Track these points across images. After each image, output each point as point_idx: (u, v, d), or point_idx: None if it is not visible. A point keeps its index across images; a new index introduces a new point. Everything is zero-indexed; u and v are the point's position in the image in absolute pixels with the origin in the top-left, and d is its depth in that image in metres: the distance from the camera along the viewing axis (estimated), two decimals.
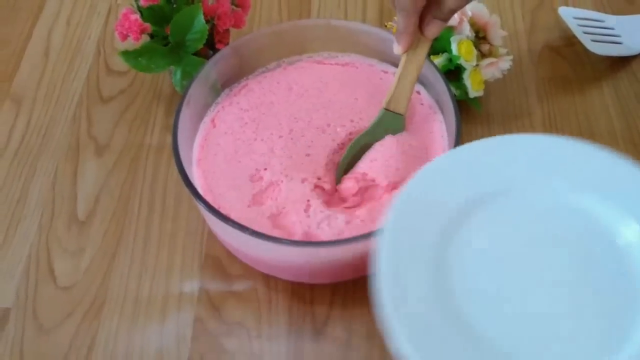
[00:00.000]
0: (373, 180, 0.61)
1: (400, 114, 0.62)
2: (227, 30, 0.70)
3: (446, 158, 0.53)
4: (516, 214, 0.49)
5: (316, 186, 0.61)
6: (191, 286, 0.62)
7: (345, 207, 0.61)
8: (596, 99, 0.73)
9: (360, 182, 0.61)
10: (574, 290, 0.46)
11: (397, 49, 0.59)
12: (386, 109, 0.62)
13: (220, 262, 0.63)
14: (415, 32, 0.58)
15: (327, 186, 0.61)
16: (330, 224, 0.58)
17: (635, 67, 0.75)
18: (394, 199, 0.49)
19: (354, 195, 0.61)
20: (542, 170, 0.50)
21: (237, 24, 0.70)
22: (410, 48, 0.59)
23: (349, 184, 0.61)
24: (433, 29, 0.58)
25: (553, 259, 0.47)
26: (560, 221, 0.48)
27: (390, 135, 0.63)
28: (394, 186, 0.60)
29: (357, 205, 0.61)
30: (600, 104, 0.72)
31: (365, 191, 0.61)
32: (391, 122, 0.62)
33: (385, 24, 0.74)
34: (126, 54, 0.67)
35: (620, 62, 0.76)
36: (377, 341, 0.58)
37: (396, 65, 0.67)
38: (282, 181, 0.61)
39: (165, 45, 0.68)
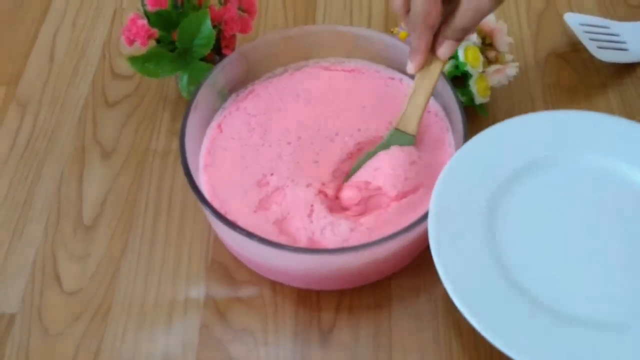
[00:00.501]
0: (379, 189, 0.60)
1: (410, 135, 0.61)
2: (234, 36, 0.70)
3: (496, 128, 0.58)
4: (562, 181, 0.54)
5: (320, 191, 0.61)
6: (197, 292, 0.62)
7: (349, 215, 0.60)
8: (602, 105, 0.73)
9: (363, 192, 0.61)
10: (619, 248, 0.51)
11: (410, 68, 0.59)
12: (396, 129, 0.62)
13: (226, 268, 0.63)
14: (428, 50, 0.57)
15: (330, 192, 0.61)
16: (334, 230, 0.58)
17: None
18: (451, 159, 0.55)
19: (357, 204, 0.60)
20: (585, 142, 0.56)
21: (244, 30, 0.70)
22: (423, 67, 0.59)
23: (350, 193, 0.60)
24: (445, 50, 0.57)
25: (597, 218, 0.53)
26: (601, 187, 0.54)
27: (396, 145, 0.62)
28: (403, 195, 0.60)
29: (360, 214, 0.60)
30: (606, 110, 0.72)
31: (368, 200, 0.61)
32: (401, 142, 0.62)
33: (391, 29, 0.74)
34: (133, 59, 0.67)
35: (626, 69, 0.76)
36: (384, 347, 0.58)
37: (403, 71, 0.67)
38: (287, 186, 0.61)
39: (172, 50, 0.68)
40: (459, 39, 0.57)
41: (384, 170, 0.60)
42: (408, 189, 0.60)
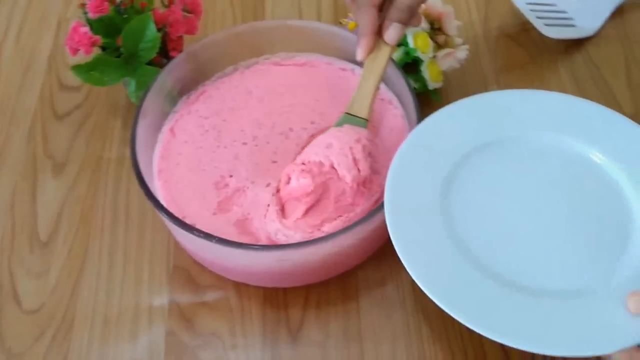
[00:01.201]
0: (333, 170, 0.56)
1: (363, 119, 0.60)
2: (180, 37, 0.69)
3: (448, 109, 0.58)
4: (512, 157, 0.56)
5: (278, 190, 0.60)
6: (161, 299, 0.61)
7: (300, 218, 0.56)
8: (554, 82, 0.74)
9: (316, 177, 0.56)
10: (566, 220, 0.52)
11: (358, 53, 0.59)
12: (347, 113, 0.60)
13: (188, 273, 0.62)
14: (375, 34, 0.57)
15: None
16: (287, 234, 0.57)
17: (590, 49, 0.76)
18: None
19: (309, 194, 0.56)
20: (532, 119, 0.57)
21: (190, 31, 0.69)
22: (372, 52, 0.58)
23: (303, 180, 0.56)
24: (391, 32, 0.57)
25: (546, 189, 0.54)
26: (549, 161, 0.55)
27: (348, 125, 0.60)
28: (361, 182, 0.57)
29: (311, 205, 0.57)
30: (558, 88, 0.73)
31: (325, 187, 0.56)
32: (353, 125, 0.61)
33: (340, 21, 0.73)
34: (78, 68, 0.66)
35: (575, 45, 0.76)
36: (355, 340, 0.58)
37: (355, 62, 0.67)
38: (247, 187, 0.60)
39: (118, 56, 0.67)
40: (405, 21, 0.57)
41: (335, 148, 0.57)
42: (364, 174, 0.57)
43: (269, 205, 0.58)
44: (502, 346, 0.56)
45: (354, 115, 0.60)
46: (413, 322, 0.58)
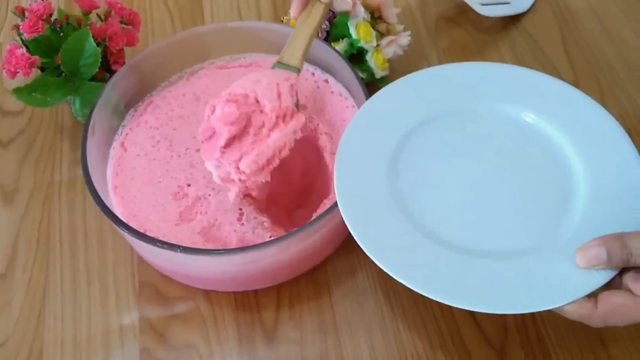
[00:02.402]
0: (258, 104, 0.54)
1: (294, 67, 0.58)
2: (121, 50, 0.68)
3: (394, 85, 0.59)
4: (459, 127, 0.57)
5: (245, 195, 0.60)
6: (130, 317, 0.59)
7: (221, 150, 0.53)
8: (495, 59, 0.75)
9: (242, 107, 0.53)
10: (511, 180, 0.54)
11: (292, 11, 0.58)
12: (279, 62, 0.58)
13: (156, 287, 0.61)
14: None
15: (255, 193, 0.60)
16: (266, 227, 0.58)
17: (527, 25, 0.78)
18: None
19: (233, 123, 0.53)
20: (470, 90, 0.58)
21: (130, 42, 0.68)
22: (305, 9, 0.58)
23: (228, 108, 0.53)
24: None
25: (489, 156, 0.55)
26: (493, 129, 0.57)
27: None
28: (282, 117, 0.54)
29: (231, 140, 0.53)
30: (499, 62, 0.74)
31: (248, 120, 0.54)
32: None
33: (282, 18, 0.73)
34: (19, 91, 0.64)
35: (512, 22, 0.78)
36: (331, 333, 0.58)
37: None
38: (209, 194, 0.60)
39: (59, 75, 0.65)
40: None
41: (263, 83, 0.55)
42: (286, 111, 0.54)
43: (240, 208, 0.58)
44: (473, 319, 0.57)
45: (285, 64, 0.58)
46: (386, 308, 0.59)
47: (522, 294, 0.46)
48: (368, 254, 0.48)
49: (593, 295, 0.45)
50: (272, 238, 0.56)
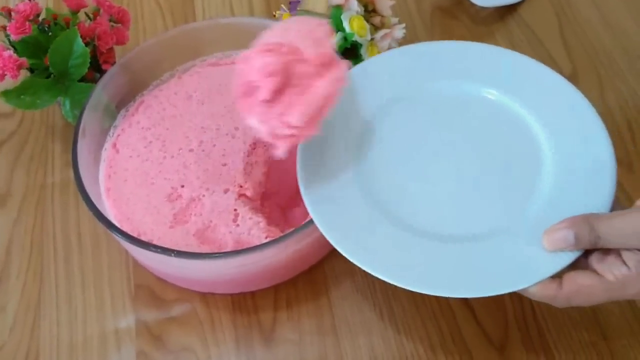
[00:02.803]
0: (295, 51, 0.48)
1: (321, 13, 0.54)
2: (111, 49, 0.66)
3: (362, 66, 0.57)
4: (421, 108, 0.56)
5: (240, 195, 0.59)
6: (127, 320, 0.59)
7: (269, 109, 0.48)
8: None
9: (280, 55, 0.47)
10: (478, 161, 0.52)
11: None
12: (303, 10, 0.54)
13: (151, 290, 0.60)
14: None
15: (249, 193, 0.59)
16: (261, 227, 0.57)
17: (523, 13, 0.77)
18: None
19: (274, 74, 0.47)
20: (441, 69, 0.57)
21: (120, 41, 0.67)
22: None
23: (265, 59, 0.47)
24: None
25: (456, 137, 0.54)
26: (460, 110, 0.55)
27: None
28: (326, 65, 0.49)
29: (277, 98, 0.47)
30: None
31: (288, 69, 0.48)
32: None
33: (274, 13, 0.72)
34: (7, 93, 0.63)
35: (509, 11, 0.77)
36: (330, 334, 0.57)
37: None
38: (203, 195, 0.59)
39: (48, 77, 0.64)
40: None
41: (293, 30, 0.49)
42: (326, 58, 0.49)
43: (235, 209, 0.57)
44: (474, 318, 0.57)
45: (310, 12, 0.54)
46: (385, 308, 0.58)
47: (487, 276, 0.46)
48: (332, 242, 0.48)
49: (557, 276, 0.44)
50: (269, 239, 0.56)
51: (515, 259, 0.46)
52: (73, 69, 0.63)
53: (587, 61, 0.72)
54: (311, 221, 0.52)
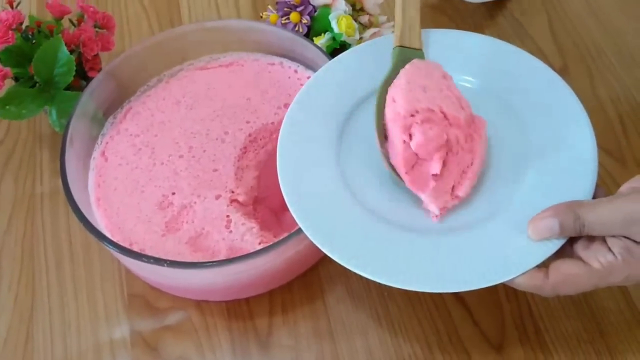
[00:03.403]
0: (445, 117, 0.48)
1: (417, 49, 0.54)
2: (97, 56, 0.66)
3: (337, 62, 0.57)
4: None
5: (232, 200, 0.58)
6: (121, 331, 0.58)
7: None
8: None
9: (441, 126, 0.47)
10: None
11: None
12: (401, 47, 0.53)
13: (145, 299, 0.60)
14: None
15: (242, 198, 0.59)
16: (254, 233, 0.56)
17: (513, 9, 0.76)
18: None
19: (441, 147, 0.48)
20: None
21: (106, 47, 0.66)
22: None
23: (430, 131, 0.47)
24: None
25: None
26: None
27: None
28: (471, 126, 0.49)
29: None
30: None
31: (449, 144, 0.48)
32: (410, 59, 0.53)
33: (261, 14, 0.71)
34: None
35: (498, 7, 0.77)
36: (326, 337, 0.57)
37: (283, 55, 0.66)
38: (195, 202, 0.58)
39: (33, 86, 0.63)
40: None
41: (432, 90, 0.49)
42: (470, 112, 0.50)
43: (228, 215, 0.57)
44: (471, 317, 0.57)
45: (408, 47, 0.54)
46: (381, 309, 0.58)
47: (472, 269, 0.45)
48: (304, 229, 0.48)
49: (543, 265, 0.44)
50: (262, 245, 0.55)
51: (500, 250, 0.46)
52: (58, 78, 0.62)
53: (578, 56, 0.72)
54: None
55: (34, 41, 0.63)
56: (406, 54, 0.54)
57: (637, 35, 0.72)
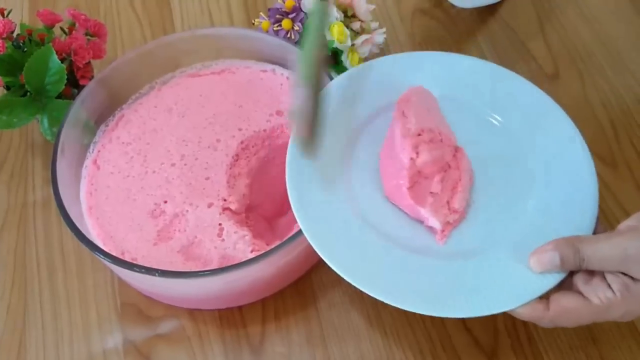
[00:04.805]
0: (439, 136, 0.51)
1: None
2: (88, 64, 0.65)
3: (346, 75, 0.57)
4: None
5: (224, 209, 0.58)
6: (114, 340, 0.58)
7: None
8: (473, 51, 0.74)
9: (442, 146, 0.51)
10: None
11: None
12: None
13: (138, 308, 0.59)
14: None
15: (234, 206, 0.58)
16: (247, 241, 0.56)
17: (504, 13, 0.76)
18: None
19: (443, 167, 0.51)
20: (425, 80, 0.56)
21: (97, 55, 0.66)
22: None
23: (435, 151, 0.50)
24: None
25: None
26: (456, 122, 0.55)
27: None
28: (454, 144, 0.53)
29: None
30: (478, 55, 0.73)
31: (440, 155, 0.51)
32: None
33: (253, 21, 0.71)
34: None
35: (489, 11, 0.77)
36: (319, 344, 0.57)
37: (275, 62, 0.66)
38: (187, 211, 0.58)
39: (24, 94, 0.63)
40: None
41: (432, 110, 0.52)
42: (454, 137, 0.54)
43: (220, 223, 0.57)
44: (463, 324, 0.57)
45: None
46: (374, 315, 0.58)
47: (475, 296, 0.46)
48: (322, 256, 0.48)
49: (544, 297, 0.45)
50: (255, 253, 0.55)
51: (502, 279, 0.46)
52: (49, 86, 0.62)
53: (569, 60, 0.72)
54: (296, 235, 0.52)
55: (24, 50, 0.63)
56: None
57: (628, 40, 0.72)
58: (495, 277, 0.47)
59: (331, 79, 0.60)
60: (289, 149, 0.52)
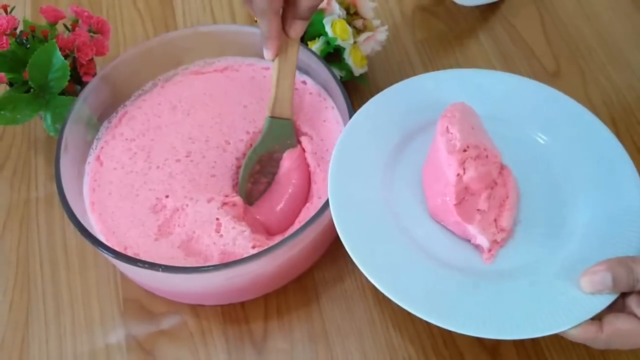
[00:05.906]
0: (485, 152, 0.51)
1: (287, 119, 0.60)
2: (91, 60, 0.65)
3: (382, 96, 0.57)
4: None
5: (224, 203, 0.58)
6: (117, 336, 0.58)
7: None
8: (475, 49, 0.74)
9: (488, 162, 0.50)
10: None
11: (267, 55, 0.56)
12: (272, 117, 0.59)
13: (140, 303, 0.60)
14: (280, 34, 0.55)
15: (235, 200, 0.58)
16: (246, 236, 0.56)
17: (505, 10, 0.77)
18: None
19: (490, 184, 0.50)
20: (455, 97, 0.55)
21: (100, 52, 0.66)
22: (280, 51, 0.56)
23: (482, 167, 0.49)
24: (296, 29, 0.55)
25: None
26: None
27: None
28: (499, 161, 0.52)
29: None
30: (480, 53, 0.73)
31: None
32: (280, 128, 0.60)
33: (256, 19, 0.71)
34: None
35: (490, 9, 0.77)
36: (321, 341, 0.57)
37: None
38: (186, 205, 0.58)
39: (27, 91, 0.63)
40: (308, 18, 0.55)
41: (476, 126, 0.51)
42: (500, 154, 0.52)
43: (218, 218, 0.57)
44: None
45: (279, 118, 0.59)
46: (376, 312, 0.58)
47: (526, 317, 0.45)
48: (367, 275, 0.47)
49: (597, 318, 0.44)
50: (256, 249, 0.55)
51: (553, 300, 0.46)
52: (53, 83, 0.62)
53: (571, 58, 0.72)
54: (299, 231, 0.52)
55: (28, 46, 0.63)
56: (278, 123, 0.59)
57: (629, 37, 0.73)
58: (546, 298, 0.46)
59: (334, 77, 0.60)
60: (329, 178, 0.52)
